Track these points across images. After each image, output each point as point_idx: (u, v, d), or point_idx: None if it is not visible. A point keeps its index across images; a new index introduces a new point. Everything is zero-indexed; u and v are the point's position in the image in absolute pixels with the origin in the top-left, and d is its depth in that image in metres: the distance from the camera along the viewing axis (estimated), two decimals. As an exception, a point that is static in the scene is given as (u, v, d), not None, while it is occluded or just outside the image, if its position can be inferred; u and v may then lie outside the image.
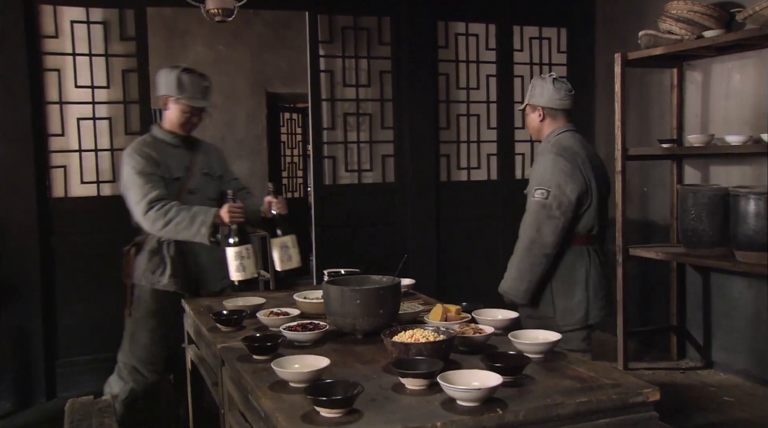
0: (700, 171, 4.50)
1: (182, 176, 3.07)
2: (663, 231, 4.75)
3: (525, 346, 1.88)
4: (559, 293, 2.91)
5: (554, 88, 3.00)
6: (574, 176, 2.86)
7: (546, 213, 2.86)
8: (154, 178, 2.94)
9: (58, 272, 4.21)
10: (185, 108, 3.03)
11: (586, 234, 2.93)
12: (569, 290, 2.91)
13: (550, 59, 5.37)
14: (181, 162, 3.09)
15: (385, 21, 4.93)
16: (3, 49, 3.99)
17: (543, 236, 2.86)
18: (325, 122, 4.89)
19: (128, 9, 4.32)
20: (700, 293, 4.53)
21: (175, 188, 3.03)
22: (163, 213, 2.86)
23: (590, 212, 2.91)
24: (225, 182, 3.25)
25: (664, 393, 1.67)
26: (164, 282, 3.04)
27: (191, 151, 3.16)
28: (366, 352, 1.99)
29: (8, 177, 4.03)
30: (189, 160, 3.13)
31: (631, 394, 1.63)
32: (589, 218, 2.92)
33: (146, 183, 2.91)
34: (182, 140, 3.12)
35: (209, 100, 3.09)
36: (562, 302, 2.92)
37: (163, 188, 2.95)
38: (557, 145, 2.95)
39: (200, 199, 3.07)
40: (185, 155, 3.12)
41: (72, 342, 4.24)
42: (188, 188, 3.07)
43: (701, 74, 4.46)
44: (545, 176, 2.89)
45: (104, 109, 4.34)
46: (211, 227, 2.82)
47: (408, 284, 2.80)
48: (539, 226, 2.87)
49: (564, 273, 2.91)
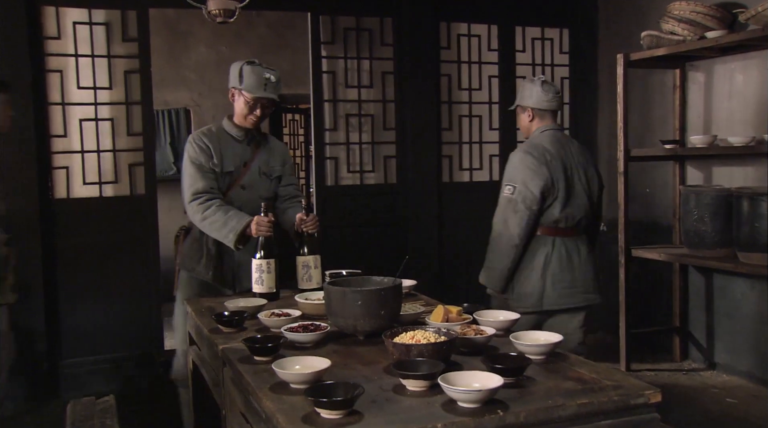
0: (702, 172, 4.49)
1: (234, 171, 3.08)
2: (665, 232, 4.74)
3: (526, 347, 1.88)
4: (518, 277, 3.15)
5: (543, 91, 3.23)
6: (539, 172, 3.08)
7: (512, 207, 3.10)
8: (204, 169, 3.01)
9: (61, 273, 4.21)
10: (246, 99, 3.05)
11: (552, 225, 3.14)
12: (527, 275, 3.14)
13: (552, 60, 5.36)
14: (239, 156, 3.11)
15: (387, 22, 4.93)
16: (6, 50, 4.00)
17: (510, 228, 3.10)
18: (327, 123, 4.89)
19: (130, 10, 4.32)
20: (702, 294, 4.52)
21: (226, 181, 3.07)
22: (203, 208, 2.96)
23: (555, 205, 3.12)
24: (282, 184, 3.25)
25: (666, 394, 1.66)
26: (199, 270, 3.10)
27: (254, 146, 3.16)
28: (367, 353, 1.99)
29: (11, 178, 4.03)
30: (249, 155, 3.14)
31: (632, 396, 1.62)
32: (554, 210, 3.12)
33: (196, 172, 3.00)
34: (246, 134, 3.13)
35: (270, 92, 3.04)
36: (519, 285, 3.15)
37: (213, 181, 3.02)
38: (529, 143, 3.21)
39: (251, 196, 3.10)
40: (246, 150, 3.14)
41: (75, 343, 4.24)
42: (241, 183, 3.10)
43: (704, 75, 4.45)
44: (513, 172, 3.15)
45: (106, 110, 4.34)
46: (239, 235, 2.90)
47: (409, 285, 2.80)
48: (506, 219, 3.12)
49: (525, 259, 3.14)
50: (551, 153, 3.14)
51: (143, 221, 4.38)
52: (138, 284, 4.38)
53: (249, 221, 2.89)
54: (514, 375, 1.68)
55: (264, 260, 2.73)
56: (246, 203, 3.08)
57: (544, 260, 3.13)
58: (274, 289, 2.76)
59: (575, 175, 3.18)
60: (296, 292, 2.73)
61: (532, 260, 3.14)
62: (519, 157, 3.15)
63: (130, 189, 4.38)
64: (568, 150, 3.22)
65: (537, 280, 3.13)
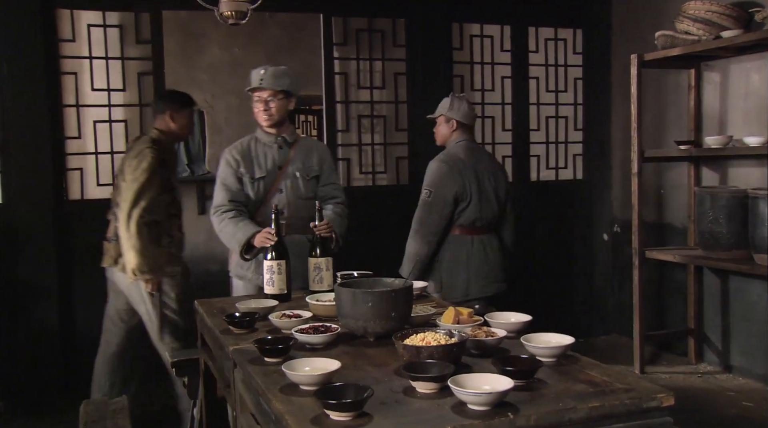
0: (717, 173, 4.45)
1: (267, 176, 3.19)
2: (680, 234, 4.70)
3: (537, 350, 1.86)
4: (445, 273, 3.57)
5: (468, 107, 3.68)
6: (452, 179, 3.53)
7: (428, 208, 3.56)
8: (227, 183, 3.19)
9: (76, 273, 4.24)
10: (253, 98, 3.18)
11: (470, 225, 3.59)
12: (454, 270, 3.57)
13: (565, 60, 5.33)
14: (272, 161, 3.21)
15: (400, 23, 4.93)
16: (21, 53, 4.04)
17: (425, 226, 3.56)
18: (339, 124, 4.90)
19: (144, 12, 4.35)
20: (718, 296, 4.48)
21: (261, 186, 3.19)
22: (219, 220, 3.16)
23: (471, 208, 3.57)
24: (321, 184, 3.30)
25: (681, 397, 1.65)
26: (250, 277, 3.22)
27: (287, 149, 3.24)
28: (377, 355, 1.98)
29: (26, 179, 4.07)
30: (283, 159, 3.23)
31: (644, 399, 1.60)
32: (469, 213, 3.57)
33: (220, 188, 3.20)
34: (276, 139, 3.23)
35: (266, 84, 3.13)
36: (447, 279, 3.57)
37: (236, 193, 3.17)
38: (446, 153, 3.64)
39: (290, 198, 3.20)
40: (279, 154, 3.23)
41: (89, 343, 4.25)
42: (278, 186, 3.20)
43: (719, 75, 4.41)
44: (430, 179, 3.58)
45: (120, 112, 4.37)
46: (244, 245, 3.06)
47: (421, 286, 2.80)
48: (423, 218, 3.57)
49: (450, 257, 3.58)
50: (464, 162, 3.58)
51: (156, 223, 4.39)
52: (151, 285, 4.39)
53: (254, 232, 3.02)
54: (524, 378, 1.67)
55: (275, 261, 2.74)
56: (286, 205, 3.18)
57: (467, 256, 3.57)
58: (286, 290, 2.76)
59: (486, 181, 3.61)
60: (307, 293, 2.73)
61: (457, 256, 3.57)
62: (436, 166, 3.59)
63: (143, 190, 4.40)
64: (479, 159, 3.66)
65: (463, 274, 3.57)
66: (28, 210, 4.08)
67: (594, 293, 5.46)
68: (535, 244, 5.24)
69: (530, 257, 5.23)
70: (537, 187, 5.28)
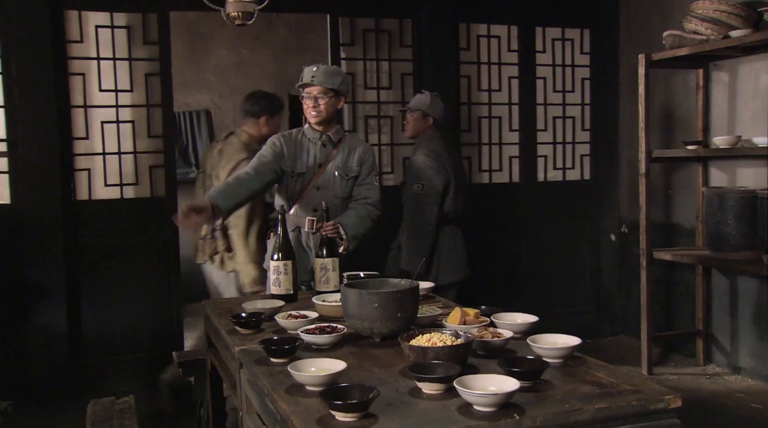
0: (726, 173, 4.42)
1: (307, 172, 3.20)
2: (688, 234, 4.68)
3: (544, 350, 1.85)
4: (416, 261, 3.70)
5: (443, 106, 4.09)
6: (440, 171, 3.86)
7: (423, 201, 3.82)
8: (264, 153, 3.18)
9: (83, 273, 4.26)
10: (302, 94, 3.19)
11: (444, 217, 3.91)
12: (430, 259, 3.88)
13: (573, 60, 5.32)
14: (313, 157, 3.22)
15: (407, 23, 4.92)
16: (30, 54, 4.06)
17: (424, 216, 3.84)
18: (346, 125, 4.89)
19: (152, 13, 4.36)
20: (726, 297, 4.45)
21: (299, 182, 3.20)
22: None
23: (449, 199, 3.90)
24: (357, 184, 3.29)
25: (689, 399, 1.64)
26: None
27: (330, 148, 3.24)
28: (383, 356, 1.98)
29: (34, 180, 4.09)
30: (325, 156, 3.23)
31: (651, 400, 1.59)
32: (449, 203, 3.91)
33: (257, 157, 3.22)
34: (320, 136, 3.23)
35: (316, 81, 3.12)
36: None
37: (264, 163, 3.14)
38: (428, 148, 3.92)
39: (326, 195, 3.19)
40: (322, 151, 3.23)
41: (97, 343, 4.29)
42: (315, 184, 3.20)
43: (728, 75, 4.39)
44: (419, 173, 3.86)
45: (127, 112, 4.38)
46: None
47: (428, 287, 2.79)
48: (421, 211, 3.84)
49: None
50: (444, 156, 3.92)
51: (163, 223, 4.40)
52: (158, 285, 4.41)
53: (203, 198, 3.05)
54: (530, 379, 1.66)
55: (281, 261, 2.74)
56: (320, 204, 3.13)
57: (440, 245, 3.89)
58: (292, 291, 2.76)
59: (459, 174, 4.00)
60: (313, 294, 2.73)
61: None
62: (422, 160, 3.86)
63: (150, 191, 4.42)
64: (453, 155, 4.07)
65: (437, 261, 3.89)
66: (36, 210, 4.09)
67: (601, 294, 5.44)
68: (542, 244, 5.23)
69: (537, 258, 5.21)
70: (544, 187, 5.27)
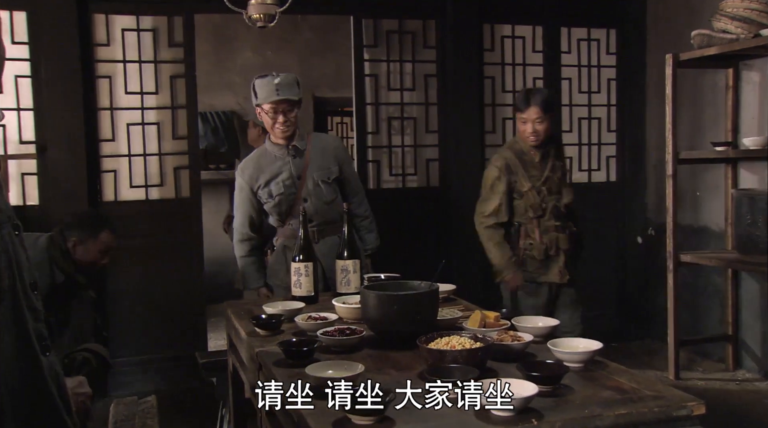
0: (756, 175, 4.34)
1: (286, 191, 3.16)
2: (717, 237, 4.60)
3: (564, 355, 1.83)
4: None
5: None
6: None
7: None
8: (243, 209, 3.26)
9: (108, 274, 4.30)
10: (266, 110, 3.08)
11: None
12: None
13: (599, 61, 5.25)
14: (288, 173, 3.17)
15: (430, 24, 4.91)
16: (58, 57, 4.12)
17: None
18: (369, 126, 4.89)
19: (177, 16, 4.40)
20: (756, 301, 4.36)
21: (284, 201, 3.17)
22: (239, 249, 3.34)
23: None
24: (346, 192, 3.29)
25: (717, 404, 1.61)
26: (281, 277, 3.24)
27: (301, 158, 3.18)
28: (402, 358, 1.97)
29: (62, 181, 4.15)
30: (300, 167, 3.17)
31: (674, 407, 1.56)
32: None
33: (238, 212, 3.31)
34: (287, 150, 3.17)
35: (285, 94, 3.05)
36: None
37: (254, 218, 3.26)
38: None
39: (316, 204, 3.17)
40: (295, 164, 3.17)
41: (120, 343, 4.33)
42: (302, 196, 3.16)
43: (758, 74, 4.30)
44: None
45: (153, 114, 4.43)
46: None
47: (449, 289, 2.77)
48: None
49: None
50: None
51: (188, 224, 4.44)
52: (182, 285, 4.45)
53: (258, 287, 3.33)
54: (550, 383, 1.64)
55: (302, 263, 2.74)
56: (313, 214, 3.13)
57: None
58: (313, 292, 2.76)
59: None
60: (335, 296, 2.73)
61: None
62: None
63: (175, 192, 4.46)
64: None
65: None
66: (64, 211, 4.14)
67: (627, 297, 5.36)
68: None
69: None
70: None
